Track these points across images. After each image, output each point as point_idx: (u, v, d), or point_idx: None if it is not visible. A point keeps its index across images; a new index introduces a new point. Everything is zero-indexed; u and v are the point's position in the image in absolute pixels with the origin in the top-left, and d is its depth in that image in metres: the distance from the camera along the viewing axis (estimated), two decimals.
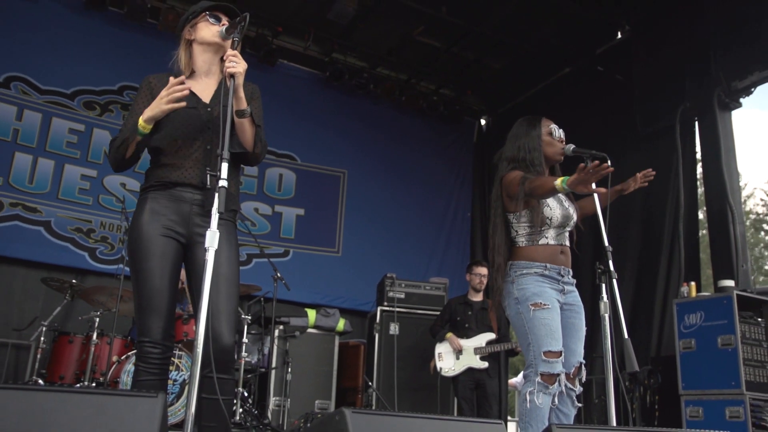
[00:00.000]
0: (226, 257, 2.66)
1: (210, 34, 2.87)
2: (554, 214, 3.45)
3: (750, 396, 5.00)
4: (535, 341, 3.27)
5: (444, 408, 6.69)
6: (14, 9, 7.43)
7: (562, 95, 8.65)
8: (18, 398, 1.63)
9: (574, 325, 3.41)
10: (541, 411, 3.18)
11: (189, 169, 2.77)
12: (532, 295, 3.31)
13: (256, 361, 6.47)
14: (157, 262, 2.68)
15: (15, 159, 7.28)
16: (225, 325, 2.63)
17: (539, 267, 3.39)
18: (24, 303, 7.03)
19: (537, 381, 3.21)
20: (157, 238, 2.70)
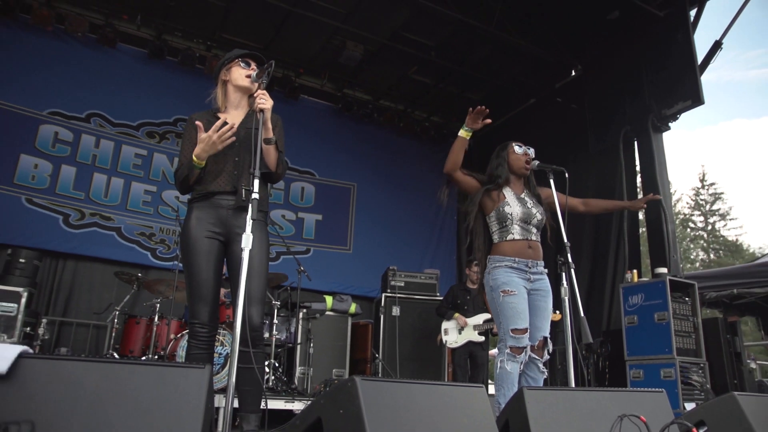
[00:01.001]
0: (258, 253, 2.65)
1: (241, 77, 2.89)
2: (514, 210, 3.47)
3: (680, 360, 5.05)
4: (504, 320, 3.32)
5: (436, 375, 6.70)
6: (95, 59, 7.49)
7: (529, 121, 8.68)
8: (99, 368, 1.62)
9: (540, 307, 3.42)
10: (510, 376, 3.23)
11: (223, 179, 2.78)
12: (502, 284, 3.35)
13: (284, 338, 6.46)
14: (203, 259, 2.70)
15: (94, 178, 7.33)
16: (255, 310, 2.65)
17: (509, 261, 3.41)
18: (101, 292, 7.05)
19: (506, 352, 3.26)
20: (203, 240, 2.72)
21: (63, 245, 6.96)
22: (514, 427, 2.34)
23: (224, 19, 7.56)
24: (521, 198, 3.57)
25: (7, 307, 4.90)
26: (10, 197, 6.71)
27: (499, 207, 3.50)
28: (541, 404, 2.31)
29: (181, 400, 1.64)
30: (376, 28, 7.56)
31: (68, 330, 6.78)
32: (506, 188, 3.59)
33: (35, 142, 7.05)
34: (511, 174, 3.64)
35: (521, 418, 2.26)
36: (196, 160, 2.70)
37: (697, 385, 5.09)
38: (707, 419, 2.69)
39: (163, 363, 1.81)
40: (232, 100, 2.96)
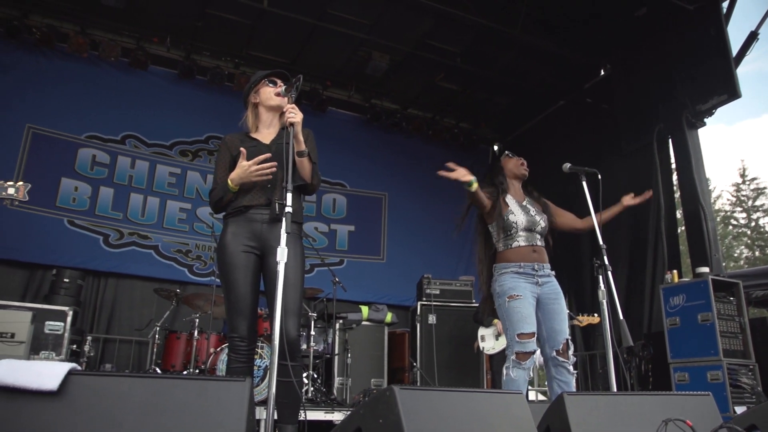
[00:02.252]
0: (293, 266, 2.67)
1: (270, 97, 2.95)
2: (518, 219, 3.49)
3: (727, 361, 4.91)
4: (510, 326, 3.31)
5: (475, 382, 6.65)
6: (128, 82, 7.71)
7: (558, 123, 8.59)
8: (143, 383, 1.68)
9: (554, 310, 3.40)
10: (515, 383, 3.21)
11: (256, 193, 2.83)
12: (508, 289, 3.36)
13: (322, 349, 6.49)
14: (240, 274, 2.74)
15: (131, 198, 7.52)
16: (291, 323, 2.67)
17: (514, 266, 3.42)
18: (142, 309, 7.20)
19: (512, 359, 3.25)
20: (239, 254, 2.76)
21: (104, 264, 7.15)
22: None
23: (251, 37, 7.69)
24: (524, 206, 3.59)
25: (55, 326, 5.05)
26: (53, 220, 6.93)
27: (504, 216, 3.50)
28: (582, 410, 2.28)
29: (224, 413, 1.68)
30: (400, 38, 7.60)
31: (112, 347, 6.94)
32: (508, 196, 3.60)
33: (75, 166, 7.27)
34: (511, 180, 3.69)
35: (562, 424, 2.24)
36: (231, 185, 2.77)
37: (747, 387, 4.94)
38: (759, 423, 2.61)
39: (205, 377, 1.86)
40: (264, 120, 3.02)
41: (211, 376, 4.36)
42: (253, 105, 3.03)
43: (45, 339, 5.02)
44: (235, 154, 2.87)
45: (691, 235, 6.27)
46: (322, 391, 5.89)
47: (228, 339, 2.79)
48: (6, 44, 7.06)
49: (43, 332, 5.03)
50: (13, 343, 4.45)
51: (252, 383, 1.81)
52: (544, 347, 3.39)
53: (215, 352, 5.39)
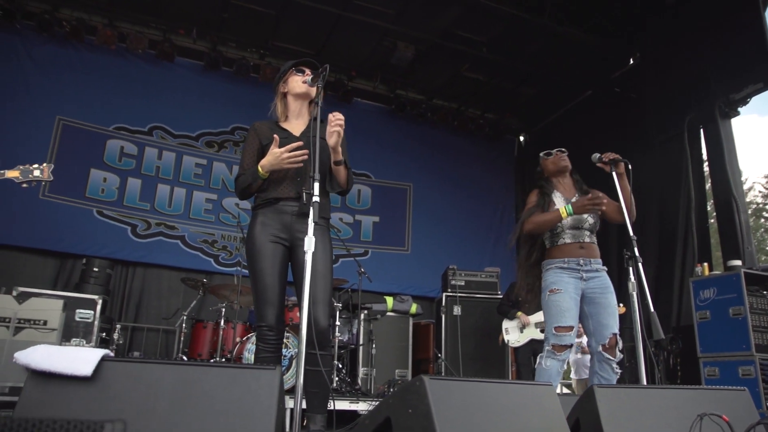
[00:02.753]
0: (321, 257, 2.68)
1: (298, 85, 2.94)
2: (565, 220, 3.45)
3: (759, 357, 4.81)
4: (548, 319, 3.34)
5: (500, 374, 6.62)
6: (155, 73, 7.80)
7: (586, 113, 8.46)
8: (175, 370, 1.69)
9: (602, 304, 3.37)
10: (548, 372, 3.24)
11: (286, 185, 2.83)
12: (550, 284, 3.38)
13: (347, 339, 6.52)
14: (268, 263, 2.74)
15: (158, 189, 7.61)
16: (321, 312, 2.67)
17: (559, 262, 3.41)
18: (169, 298, 7.32)
19: (548, 349, 3.29)
20: (267, 244, 2.76)
21: (132, 254, 7.26)
22: (585, 426, 2.28)
23: (276, 28, 7.70)
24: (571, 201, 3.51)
25: (85, 314, 5.14)
26: (82, 210, 7.05)
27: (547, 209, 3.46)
28: (612, 402, 2.25)
29: (254, 401, 1.69)
30: (426, 28, 7.54)
31: (140, 335, 7.06)
32: (556, 194, 3.54)
33: (103, 157, 7.38)
34: (556, 178, 3.60)
35: (592, 417, 2.21)
36: (261, 171, 2.76)
37: None
38: None
39: (236, 365, 1.86)
40: (293, 110, 3.01)
41: (242, 364, 4.40)
42: (282, 94, 3.03)
43: (76, 326, 5.11)
44: (265, 143, 2.87)
45: (723, 228, 6.15)
46: (347, 381, 5.92)
47: (256, 329, 2.80)
48: (38, 37, 7.17)
49: (74, 320, 5.12)
50: (45, 330, 4.53)
51: (282, 372, 1.82)
52: (590, 341, 3.39)
53: (241, 341, 5.44)
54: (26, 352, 1.59)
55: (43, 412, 1.45)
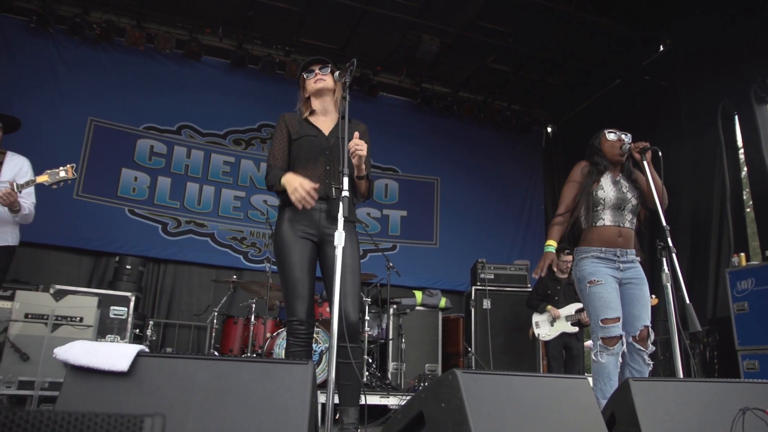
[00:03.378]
0: (350, 252, 2.70)
1: (310, 85, 2.99)
2: (607, 195, 3.37)
3: None
4: (593, 312, 3.27)
5: (531, 367, 6.58)
6: (182, 73, 7.91)
7: (615, 103, 8.31)
8: (209, 366, 1.71)
9: (635, 295, 3.32)
10: (605, 368, 3.16)
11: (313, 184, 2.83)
12: (588, 275, 3.30)
13: (376, 334, 6.53)
14: (297, 258, 2.76)
15: (187, 188, 7.72)
16: (351, 305, 2.69)
17: (596, 251, 3.34)
18: (200, 295, 7.43)
19: (599, 344, 3.20)
20: (296, 240, 2.79)
21: (163, 252, 7.38)
22: (620, 419, 2.25)
23: (301, 24, 7.73)
24: (616, 181, 3.45)
25: (119, 310, 5.25)
26: (114, 209, 7.18)
27: (593, 191, 3.39)
28: (648, 396, 2.21)
29: (287, 396, 1.69)
30: (450, 20, 7.48)
31: (172, 331, 7.18)
32: (606, 175, 3.47)
33: (134, 156, 7.50)
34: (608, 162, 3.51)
35: (628, 411, 2.18)
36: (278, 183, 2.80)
37: None
38: None
39: (269, 360, 1.88)
40: (318, 108, 3.03)
41: (275, 359, 4.43)
42: (305, 99, 3.07)
43: (110, 323, 5.23)
44: (295, 137, 2.93)
45: (761, 216, 6.00)
46: (377, 376, 5.93)
47: (286, 323, 2.82)
48: (69, 41, 7.33)
49: (109, 317, 5.23)
50: (81, 326, 4.63)
51: (314, 367, 1.82)
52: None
53: (272, 336, 5.49)
54: (65, 348, 1.62)
55: (83, 407, 1.48)
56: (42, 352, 4.41)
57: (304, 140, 2.91)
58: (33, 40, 7.16)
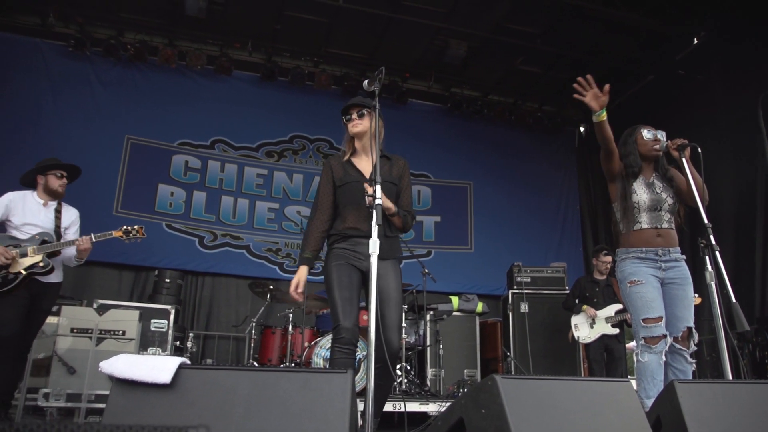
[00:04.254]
0: (394, 286, 2.94)
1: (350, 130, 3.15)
2: (641, 198, 3.32)
3: None
4: (634, 312, 3.23)
5: (572, 371, 6.47)
6: (214, 88, 8.06)
7: (649, 99, 8.15)
8: (249, 376, 1.74)
9: (678, 296, 3.26)
10: (649, 367, 3.12)
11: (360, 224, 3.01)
12: (629, 275, 3.27)
13: (414, 341, 6.51)
14: (346, 280, 2.94)
15: (222, 201, 7.85)
16: (393, 334, 2.85)
17: (636, 251, 3.29)
18: (238, 306, 7.54)
19: (641, 344, 3.17)
20: (344, 264, 2.98)
21: (200, 265, 7.51)
22: (666, 423, 2.20)
23: (328, 35, 7.80)
24: (650, 183, 3.38)
25: (159, 323, 5.36)
26: (152, 224, 7.33)
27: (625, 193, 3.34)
28: (695, 398, 2.15)
29: (327, 405, 1.71)
30: (477, 23, 7.46)
31: (211, 342, 7.29)
32: (639, 180, 3.41)
33: (170, 172, 7.67)
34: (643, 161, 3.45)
35: (674, 414, 2.13)
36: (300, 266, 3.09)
37: None
38: None
39: (308, 369, 1.89)
40: (359, 148, 3.20)
41: (314, 369, 4.46)
42: (349, 138, 3.22)
43: (152, 336, 5.34)
44: (339, 183, 3.11)
45: None
46: (416, 383, 5.91)
47: (334, 331, 2.90)
48: (105, 62, 7.56)
49: (150, 330, 5.35)
50: (124, 340, 4.75)
51: (353, 376, 1.83)
52: None
53: (309, 345, 5.52)
54: (110, 361, 1.67)
55: (129, 419, 1.51)
56: (88, 366, 4.53)
57: (347, 187, 3.08)
58: (71, 64, 7.41)
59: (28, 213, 4.16)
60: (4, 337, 3.84)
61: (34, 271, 4.00)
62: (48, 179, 4.28)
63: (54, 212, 4.29)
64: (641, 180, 3.40)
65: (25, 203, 4.19)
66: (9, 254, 3.90)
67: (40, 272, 4.02)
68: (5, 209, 4.11)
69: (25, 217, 4.14)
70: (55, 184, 4.28)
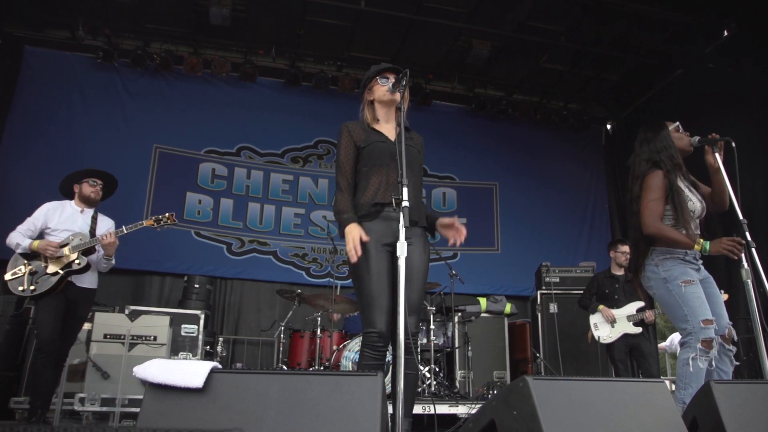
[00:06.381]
0: (417, 261, 2.75)
1: (383, 94, 2.95)
2: (696, 207, 3.23)
3: None
4: (691, 312, 3.04)
5: (604, 371, 6.37)
6: (239, 95, 8.16)
7: (678, 94, 7.99)
8: (280, 380, 1.75)
9: (713, 294, 3.18)
10: (702, 373, 2.96)
11: (388, 191, 2.80)
12: (680, 274, 3.12)
13: (442, 343, 6.49)
14: (375, 269, 2.71)
15: (249, 208, 7.94)
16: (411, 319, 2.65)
17: (680, 253, 3.17)
18: (266, 311, 7.61)
19: (698, 347, 2.96)
20: (374, 250, 2.73)
21: (229, 272, 7.60)
22: (704, 424, 2.16)
23: (351, 38, 7.84)
24: (692, 190, 3.29)
25: (190, 328, 5.44)
26: (182, 232, 7.45)
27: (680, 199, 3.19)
28: (733, 399, 2.11)
29: (358, 408, 1.71)
30: (500, 23, 7.42)
31: (241, 347, 7.37)
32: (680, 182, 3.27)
33: (197, 180, 7.78)
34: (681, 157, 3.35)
35: (712, 415, 2.09)
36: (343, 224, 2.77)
37: None
38: None
39: (338, 372, 1.90)
40: (382, 115, 3.03)
41: (344, 371, 4.47)
42: (369, 102, 3.06)
43: (182, 341, 5.42)
44: (361, 145, 2.91)
45: None
46: (445, 385, 5.89)
47: (364, 335, 2.75)
48: (132, 71, 7.71)
49: (180, 335, 5.43)
50: (155, 345, 4.82)
51: (384, 378, 1.83)
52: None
53: (338, 349, 5.54)
54: (143, 366, 1.69)
55: (163, 423, 1.54)
56: (121, 371, 4.62)
57: (374, 146, 2.89)
58: (100, 75, 7.58)
59: (66, 219, 4.36)
60: (43, 340, 3.98)
61: (71, 269, 4.15)
62: (82, 187, 4.48)
63: (91, 219, 4.49)
64: (685, 186, 3.27)
65: (63, 210, 4.40)
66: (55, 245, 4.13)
67: (76, 270, 4.17)
68: (44, 218, 4.31)
69: (63, 223, 4.33)
70: (88, 191, 4.47)
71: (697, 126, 3.48)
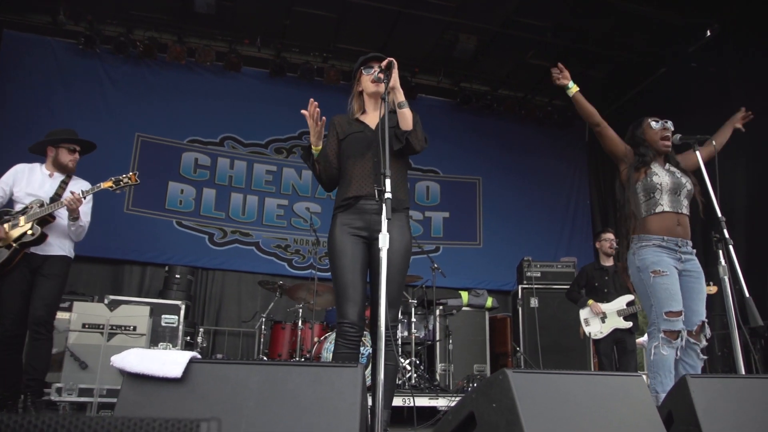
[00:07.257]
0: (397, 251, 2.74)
1: (368, 85, 3.00)
2: (663, 180, 3.29)
3: None
4: (657, 303, 3.15)
5: (583, 365, 6.45)
6: (223, 84, 8.08)
7: (661, 92, 8.07)
8: (260, 370, 1.73)
9: (694, 289, 3.23)
10: (667, 361, 3.07)
11: (364, 183, 2.85)
12: (652, 264, 3.18)
13: (423, 336, 6.52)
14: (349, 260, 2.76)
15: (231, 198, 7.89)
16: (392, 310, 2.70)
17: (657, 239, 3.23)
18: (247, 302, 7.58)
19: (660, 336, 3.09)
20: (348, 242, 2.79)
21: (210, 262, 7.56)
22: (678, 418, 2.19)
23: (337, 30, 7.79)
24: (667, 169, 3.37)
25: (170, 319, 5.39)
26: (163, 221, 7.38)
27: (645, 178, 3.30)
28: (708, 393, 2.14)
29: (338, 399, 1.71)
30: (487, 17, 7.42)
31: (221, 338, 7.34)
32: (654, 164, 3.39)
33: (180, 169, 7.71)
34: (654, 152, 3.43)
35: (686, 409, 2.12)
36: (314, 148, 2.90)
37: None
38: None
39: (319, 363, 1.90)
40: (370, 106, 3.08)
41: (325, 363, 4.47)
42: (358, 93, 3.11)
43: (162, 331, 5.38)
44: (342, 137, 2.98)
45: None
46: (426, 378, 5.92)
47: (337, 325, 2.80)
48: (115, 59, 7.59)
49: (161, 325, 5.39)
50: (135, 335, 4.77)
51: (364, 370, 1.83)
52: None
53: (319, 341, 5.55)
54: (121, 356, 1.68)
55: (140, 412, 1.52)
56: (99, 361, 4.57)
57: (350, 137, 2.95)
58: (81, 61, 7.45)
59: (32, 183, 3.99)
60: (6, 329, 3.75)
61: (24, 241, 3.78)
62: (59, 152, 4.09)
63: (59, 184, 4.07)
64: (657, 165, 3.38)
65: (31, 174, 4.03)
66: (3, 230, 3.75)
67: (30, 242, 3.80)
68: (12, 180, 3.97)
69: (28, 187, 3.97)
70: (66, 159, 4.10)
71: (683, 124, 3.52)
